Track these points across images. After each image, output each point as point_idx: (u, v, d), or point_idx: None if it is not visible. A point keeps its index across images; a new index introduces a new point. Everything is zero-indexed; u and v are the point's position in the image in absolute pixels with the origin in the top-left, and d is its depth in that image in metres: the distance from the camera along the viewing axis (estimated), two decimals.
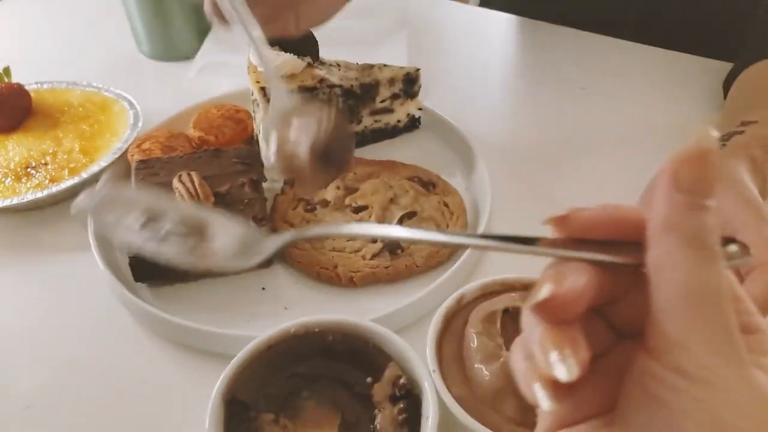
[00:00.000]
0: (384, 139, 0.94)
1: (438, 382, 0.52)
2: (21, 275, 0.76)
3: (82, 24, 1.30)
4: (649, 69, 1.08)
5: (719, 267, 0.27)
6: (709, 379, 0.26)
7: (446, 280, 0.69)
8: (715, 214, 0.27)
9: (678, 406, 0.26)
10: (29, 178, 0.84)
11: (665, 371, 0.27)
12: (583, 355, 0.27)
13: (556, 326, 0.28)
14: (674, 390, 0.26)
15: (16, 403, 0.62)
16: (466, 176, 0.86)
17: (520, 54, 1.14)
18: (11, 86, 0.92)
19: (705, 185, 0.27)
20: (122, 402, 0.62)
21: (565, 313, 0.28)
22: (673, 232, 0.27)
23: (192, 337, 0.66)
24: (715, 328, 0.26)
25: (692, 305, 0.27)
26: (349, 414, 0.52)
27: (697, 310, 0.26)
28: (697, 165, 0.27)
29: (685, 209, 0.27)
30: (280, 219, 0.78)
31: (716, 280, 0.27)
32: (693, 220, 0.27)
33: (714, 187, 0.27)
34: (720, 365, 0.26)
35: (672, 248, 0.27)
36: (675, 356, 0.27)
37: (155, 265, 0.70)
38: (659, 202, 0.28)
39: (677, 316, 0.27)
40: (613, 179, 0.86)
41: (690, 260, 0.27)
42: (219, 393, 0.50)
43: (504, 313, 0.56)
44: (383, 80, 0.87)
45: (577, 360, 0.27)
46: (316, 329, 0.55)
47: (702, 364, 0.26)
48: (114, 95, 0.97)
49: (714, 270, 0.27)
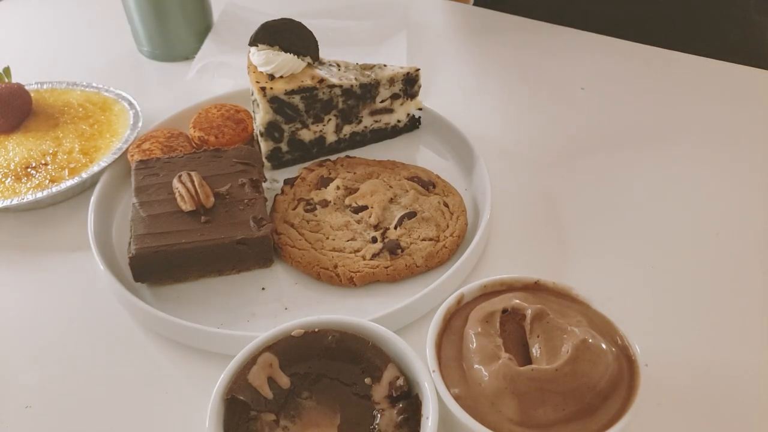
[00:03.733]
0: (384, 139, 0.94)
1: (438, 383, 0.52)
2: (21, 275, 0.76)
3: (82, 24, 1.30)
4: (650, 69, 1.08)
5: None
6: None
7: (446, 280, 0.69)
8: None
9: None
10: (29, 178, 0.84)
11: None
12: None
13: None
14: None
15: (16, 403, 0.62)
16: (466, 176, 0.86)
17: (520, 54, 1.14)
18: (11, 86, 0.92)
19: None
20: (122, 402, 0.62)
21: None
22: None
23: (192, 337, 0.66)
24: None
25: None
26: (349, 414, 0.52)
27: None
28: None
29: None
30: (280, 219, 0.78)
31: None
32: None
33: None
34: None
35: None
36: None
37: (155, 265, 0.70)
38: None
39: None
40: (613, 179, 0.86)
41: None
42: (219, 393, 0.50)
43: (503, 313, 0.56)
44: (383, 80, 0.87)
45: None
46: (316, 329, 0.55)
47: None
48: (114, 95, 0.97)
49: None
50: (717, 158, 0.89)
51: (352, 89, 0.86)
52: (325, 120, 0.87)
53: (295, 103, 0.84)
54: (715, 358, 0.64)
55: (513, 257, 0.75)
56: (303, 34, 0.84)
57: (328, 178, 0.83)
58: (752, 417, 0.60)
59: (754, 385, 0.62)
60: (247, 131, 0.89)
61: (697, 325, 0.68)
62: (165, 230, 0.71)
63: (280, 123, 0.85)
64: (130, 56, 1.16)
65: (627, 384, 0.51)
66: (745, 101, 1.00)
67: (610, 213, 0.81)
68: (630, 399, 0.50)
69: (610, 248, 0.76)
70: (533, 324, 0.54)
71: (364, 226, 0.77)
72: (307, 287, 0.73)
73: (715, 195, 0.83)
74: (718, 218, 0.80)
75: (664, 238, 0.77)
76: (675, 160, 0.89)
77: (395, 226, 0.76)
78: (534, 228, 0.79)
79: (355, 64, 0.89)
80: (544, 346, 0.53)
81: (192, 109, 0.93)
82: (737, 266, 0.74)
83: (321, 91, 0.84)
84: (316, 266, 0.73)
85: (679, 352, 0.65)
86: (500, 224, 0.79)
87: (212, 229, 0.71)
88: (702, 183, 0.85)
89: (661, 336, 0.66)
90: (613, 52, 1.12)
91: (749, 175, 0.87)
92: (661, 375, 0.60)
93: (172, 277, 0.72)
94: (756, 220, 0.80)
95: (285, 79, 0.83)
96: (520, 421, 0.49)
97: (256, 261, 0.73)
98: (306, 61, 0.85)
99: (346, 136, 0.90)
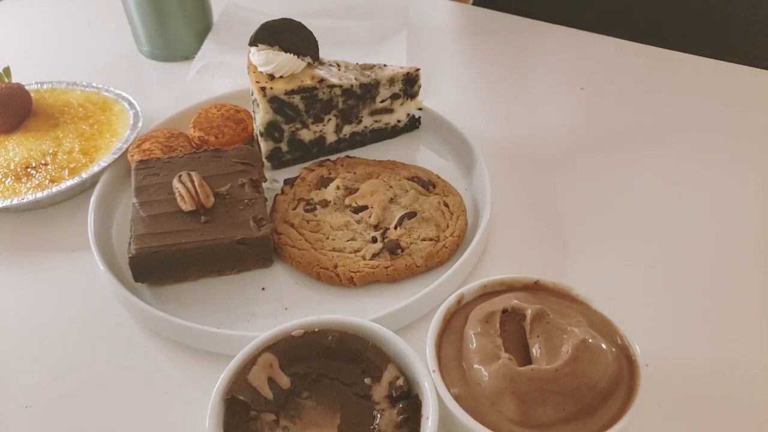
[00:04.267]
0: (384, 139, 0.94)
1: (438, 383, 0.52)
2: (21, 275, 0.76)
3: (82, 24, 1.30)
4: (650, 69, 1.08)
5: None
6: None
7: (446, 280, 0.69)
8: None
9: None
10: (29, 178, 0.84)
11: None
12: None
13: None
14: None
15: (16, 403, 0.62)
16: (466, 176, 0.86)
17: (520, 54, 1.14)
18: (11, 86, 0.92)
19: None
20: (122, 402, 0.62)
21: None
22: None
23: (192, 337, 0.66)
24: None
25: None
26: (349, 414, 0.52)
27: None
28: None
29: None
30: (280, 219, 0.78)
31: None
32: None
33: None
34: None
35: None
36: None
37: (155, 265, 0.70)
38: None
39: None
40: (613, 179, 0.86)
41: None
42: (219, 393, 0.50)
43: (503, 313, 0.56)
44: (383, 80, 0.87)
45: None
46: (316, 329, 0.55)
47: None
48: (114, 95, 0.97)
49: None
50: (717, 158, 0.89)
51: (352, 89, 0.86)
52: (325, 120, 0.87)
53: (295, 103, 0.84)
54: (715, 358, 0.64)
55: (513, 257, 0.75)
56: (303, 34, 0.84)
57: (328, 178, 0.83)
58: (752, 417, 0.60)
59: (754, 385, 0.62)
60: (247, 131, 0.89)
61: (697, 325, 0.68)
62: (165, 230, 0.71)
63: (280, 123, 0.85)
64: (130, 56, 1.16)
65: (627, 384, 0.51)
66: (745, 101, 1.00)
67: (610, 213, 0.81)
68: (630, 399, 0.50)
69: (610, 248, 0.76)
70: (533, 324, 0.54)
71: (364, 226, 0.77)
72: (307, 287, 0.73)
73: (715, 195, 0.83)
74: (718, 218, 0.80)
75: (664, 238, 0.77)
76: (675, 159, 0.89)
77: (395, 226, 0.76)
78: (534, 228, 0.79)
79: (355, 64, 0.89)
80: (544, 346, 0.53)
81: (192, 109, 0.93)
82: (737, 266, 0.74)
83: (321, 91, 0.84)
84: (316, 266, 0.73)
85: (679, 352, 0.65)
86: (500, 224, 0.79)
87: (212, 229, 0.71)
88: (702, 183, 0.85)
89: (661, 336, 0.66)
90: (613, 52, 1.12)
91: (749, 175, 0.87)
92: (661, 375, 0.60)
93: (172, 277, 0.72)
94: (756, 220, 0.80)
95: (285, 79, 0.83)
96: (520, 421, 0.49)
97: (256, 261, 0.73)
98: (306, 61, 0.85)
99: (346, 136, 0.90)
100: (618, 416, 0.49)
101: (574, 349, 0.51)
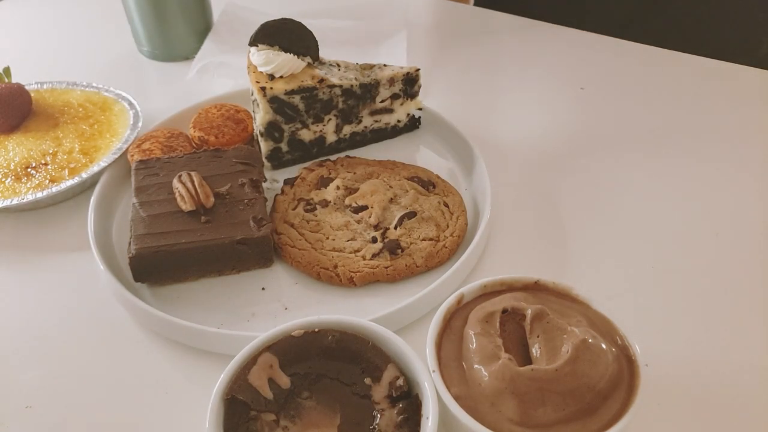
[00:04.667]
0: (384, 139, 0.94)
1: (438, 383, 0.52)
2: (21, 275, 0.76)
3: (82, 24, 1.30)
4: (650, 69, 1.08)
5: None
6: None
7: (446, 280, 0.69)
8: None
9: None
10: (29, 178, 0.84)
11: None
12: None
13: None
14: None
15: (16, 403, 0.62)
16: (466, 176, 0.86)
17: (520, 54, 1.14)
18: (11, 86, 0.92)
19: None
20: (122, 402, 0.62)
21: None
22: None
23: (192, 337, 0.66)
24: None
25: None
26: (349, 414, 0.52)
27: None
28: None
29: None
30: (280, 219, 0.78)
31: None
32: None
33: None
34: None
35: None
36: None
37: (155, 265, 0.70)
38: None
39: None
40: (613, 179, 0.86)
41: None
42: (219, 393, 0.50)
43: (503, 313, 0.56)
44: (383, 80, 0.87)
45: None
46: (316, 329, 0.55)
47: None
48: (114, 95, 0.97)
49: None
50: (717, 158, 0.89)
51: (352, 89, 0.86)
52: (325, 120, 0.87)
53: (295, 103, 0.84)
54: (715, 358, 0.64)
55: (513, 257, 0.75)
56: (303, 34, 0.84)
57: (328, 178, 0.83)
58: (752, 417, 0.60)
59: (754, 385, 0.62)
60: (247, 131, 0.89)
61: (697, 325, 0.68)
62: (165, 230, 0.71)
63: (280, 123, 0.85)
64: (130, 56, 1.16)
65: (627, 384, 0.51)
66: (745, 101, 1.00)
67: (610, 213, 0.81)
68: (630, 399, 0.50)
69: (610, 248, 0.76)
70: (533, 324, 0.54)
71: (364, 226, 0.77)
72: (307, 287, 0.73)
73: (715, 195, 0.83)
74: (718, 218, 0.80)
75: (664, 238, 0.77)
76: (675, 159, 0.89)
77: (395, 226, 0.76)
78: (534, 228, 0.79)
79: (355, 64, 0.89)
80: (544, 346, 0.53)
81: (192, 109, 0.93)
82: (737, 266, 0.74)
83: (321, 91, 0.84)
84: (316, 266, 0.73)
85: (679, 352, 0.65)
86: (500, 224, 0.79)
87: (212, 229, 0.71)
88: (702, 183, 0.85)
89: (661, 336, 0.66)
90: (613, 52, 1.12)
91: (749, 175, 0.87)
92: (661, 375, 0.60)
93: (172, 277, 0.72)
94: (755, 221, 0.80)
95: (285, 79, 0.83)
96: (520, 421, 0.49)
97: (256, 261, 0.73)
98: (306, 61, 0.85)
99: (346, 136, 0.90)
100: (618, 416, 0.49)
101: (574, 349, 0.51)
